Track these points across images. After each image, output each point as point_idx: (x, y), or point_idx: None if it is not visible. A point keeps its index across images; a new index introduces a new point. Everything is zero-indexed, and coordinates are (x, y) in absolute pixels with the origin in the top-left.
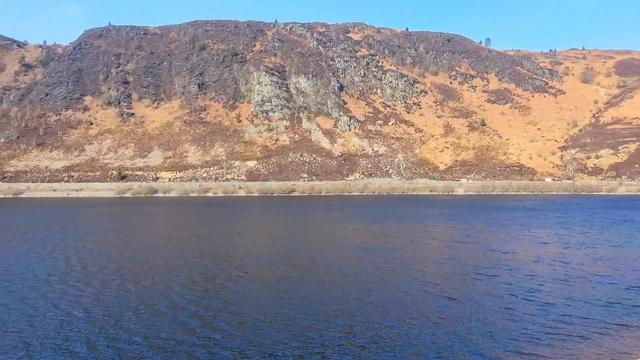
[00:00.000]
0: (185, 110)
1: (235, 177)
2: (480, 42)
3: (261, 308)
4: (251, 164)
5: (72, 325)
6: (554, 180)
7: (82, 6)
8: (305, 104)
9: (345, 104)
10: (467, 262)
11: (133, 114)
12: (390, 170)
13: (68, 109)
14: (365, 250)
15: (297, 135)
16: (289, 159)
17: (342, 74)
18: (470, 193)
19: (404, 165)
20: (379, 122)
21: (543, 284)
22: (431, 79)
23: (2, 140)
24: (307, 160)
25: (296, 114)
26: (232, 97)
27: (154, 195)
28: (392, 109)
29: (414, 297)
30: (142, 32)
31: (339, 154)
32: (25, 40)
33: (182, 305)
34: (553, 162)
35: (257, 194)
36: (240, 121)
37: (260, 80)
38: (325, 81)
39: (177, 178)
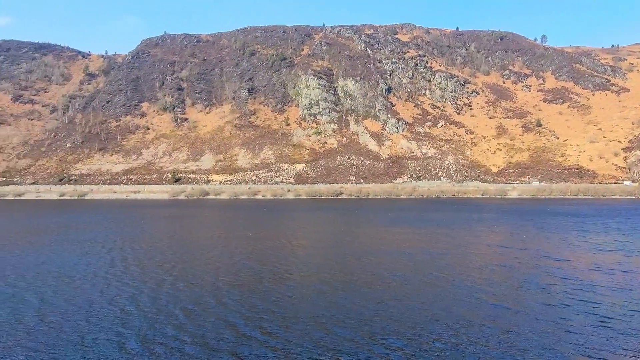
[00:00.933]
0: (235, 115)
1: (284, 180)
2: (535, 40)
3: (305, 310)
4: (299, 166)
5: (126, 322)
6: (633, 183)
7: (141, 17)
8: (352, 107)
9: (393, 106)
10: (519, 269)
11: (186, 119)
12: (440, 173)
13: (127, 115)
14: (412, 254)
15: (344, 138)
16: (337, 162)
17: (389, 76)
18: (525, 197)
19: (454, 168)
20: (427, 123)
21: (602, 295)
22: (483, 78)
23: (68, 145)
24: (354, 163)
25: (344, 117)
26: (281, 101)
27: (205, 197)
28: (442, 111)
29: (463, 304)
30: (195, 40)
31: (387, 156)
32: (89, 51)
33: (229, 304)
34: (616, 164)
35: (305, 197)
36: (289, 124)
37: (308, 83)
38: (372, 83)
39: (227, 181)
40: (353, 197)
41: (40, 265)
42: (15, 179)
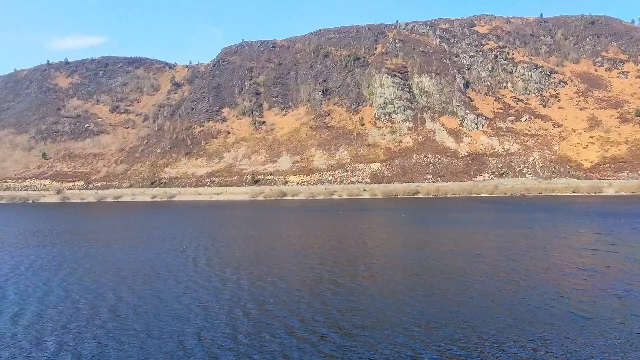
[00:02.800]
0: (310, 116)
1: (360, 180)
2: (633, 22)
3: (365, 313)
4: (375, 166)
5: (189, 319)
6: None
7: (222, 27)
8: (428, 104)
9: (472, 101)
10: (610, 274)
11: (264, 122)
12: (525, 169)
13: (209, 120)
14: (491, 257)
15: (420, 136)
16: (413, 161)
17: (467, 70)
18: (623, 194)
19: (541, 164)
20: (510, 118)
21: None
22: (571, 67)
23: (158, 150)
24: (431, 161)
25: (419, 114)
26: (355, 101)
27: (283, 198)
28: (525, 104)
29: (547, 313)
30: (271, 46)
31: (466, 153)
32: (175, 62)
33: (289, 305)
34: None
35: (381, 196)
36: (363, 124)
37: (382, 82)
38: (449, 79)
39: (304, 181)
40: (430, 196)
41: (124, 261)
42: (114, 183)
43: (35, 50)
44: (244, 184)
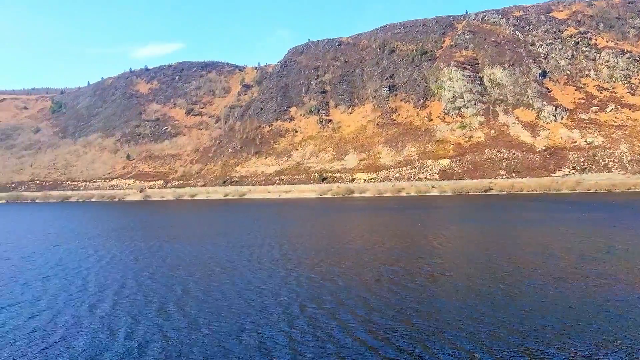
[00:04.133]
0: (377, 113)
1: (428, 177)
2: None
3: (424, 314)
4: (444, 162)
5: (249, 314)
6: None
7: (290, 29)
8: (501, 96)
9: (550, 91)
10: None
11: (330, 121)
12: (610, 164)
13: (277, 120)
14: (571, 260)
15: (492, 131)
16: (485, 156)
17: (544, 59)
18: None
19: (629, 158)
20: (593, 109)
21: None
22: None
23: (229, 150)
24: (505, 156)
25: (491, 107)
26: (423, 96)
27: (350, 195)
28: (611, 92)
29: (632, 322)
30: (337, 44)
31: (543, 147)
32: (245, 65)
33: (347, 304)
34: None
35: (450, 193)
36: (432, 120)
37: (450, 76)
38: (524, 69)
39: (371, 179)
40: (504, 192)
41: (193, 256)
42: (190, 182)
43: (119, 60)
44: (311, 181)
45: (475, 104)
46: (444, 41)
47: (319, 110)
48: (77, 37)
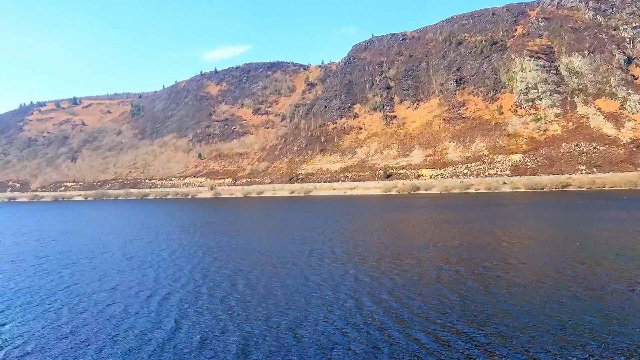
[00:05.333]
0: (443, 108)
1: (499, 173)
2: None
3: (492, 318)
4: (516, 157)
5: (306, 310)
6: None
7: (354, 26)
8: (580, 86)
9: (635, 79)
10: None
11: (395, 117)
12: None
13: (342, 117)
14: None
15: (570, 123)
16: (562, 150)
17: (630, 44)
18: None
19: None
20: None
21: None
22: None
23: (295, 148)
24: (584, 150)
25: (569, 98)
26: (492, 88)
27: (416, 192)
28: None
29: None
30: (401, 38)
31: (629, 140)
32: (309, 64)
33: (404, 302)
34: None
35: (523, 190)
36: (502, 113)
37: (523, 66)
38: (606, 56)
39: (437, 175)
40: (583, 189)
41: (257, 251)
42: (257, 179)
43: (192, 63)
44: (376, 178)
45: (550, 95)
46: (516, 30)
47: (383, 107)
48: (154, 44)
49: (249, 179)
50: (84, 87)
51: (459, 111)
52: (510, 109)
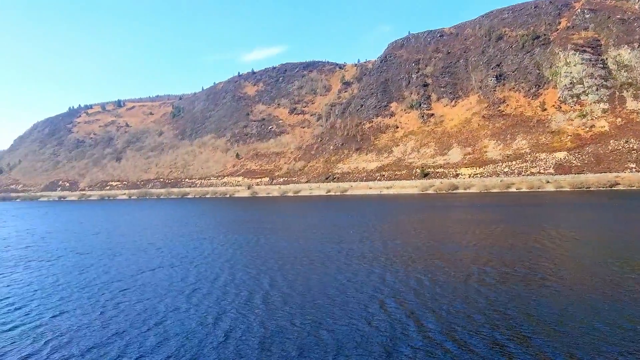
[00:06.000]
0: (483, 105)
1: (541, 171)
2: None
3: (518, 322)
4: (560, 155)
5: (331, 311)
6: None
7: (391, 24)
8: (630, 80)
9: None
10: None
11: (432, 115)
12: None
13: (378, 116)
14: None
15: (619, 119)
16: (609, 147)
17: None
18: None
19: None
20: None
21: None
22: None
23: (331, 147)
24: (634, 147)
25: (617, 93)
26: (535, 84)
27: (454, 191)
28: None
29: None
30: (439, 35)
31: None
32: (344, 62)
33: (429, 304)
34: None
35: (568, 189)
36: (545, 109)
37: (567, 60)
38: None
39: (477, 174)
40: (634, 188)
41: (287, 250)
42: (293, 179)
43: (230, 65)
44: (413, 177)
45: (597, 90)
46: (559, 23)
47: (420, 105)
48: (194, 47)
49: (286, 178)
50: (127, 90)
51: (499, 108)
52: (553, 105)
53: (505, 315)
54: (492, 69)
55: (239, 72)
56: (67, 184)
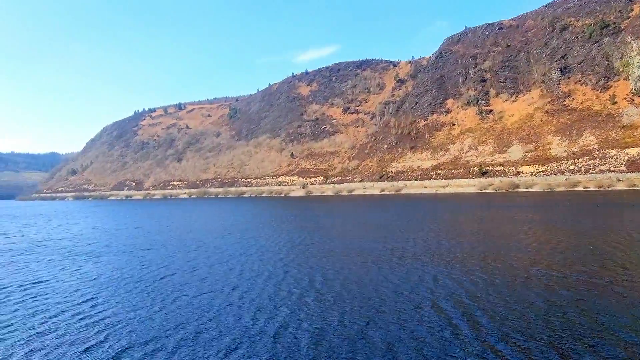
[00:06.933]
0: (546, 100)
1: (612, 169)
2: None
3: (582, 329)
4: (633, 151)
5: (378, 311)
6: None
7: (447, 19)
8: None
9: None
10: None
11: (491, 111)
12: None
13: (433, 113)
14: None
15: None
16: None
17: None
18: None
19: None
20: None
21: None
22: None
23: (385, 146)
24: None
25: None
26: (604, 76)
27: (515, 190)
28: None
29: None
30: (497, 28)
31: None
32: (398, 60)
33: (483, 306)
34: None
35: None
36: (616, 103)
37: None
38: None
39: (539, 172)
40: None
41: (339, 248)
42: (347, 178)
43: (284, 66)
44: (470, 176)
45: None
46: (632, 10)
47: (477, 101)
48: (249, 50)
49: (340, 178)
50: (188, 93)
51: (563, 102)
52: (625, 98)
53: (568, 320)
54: (556, 61)
55: (292, 73)
56: (133, 184)
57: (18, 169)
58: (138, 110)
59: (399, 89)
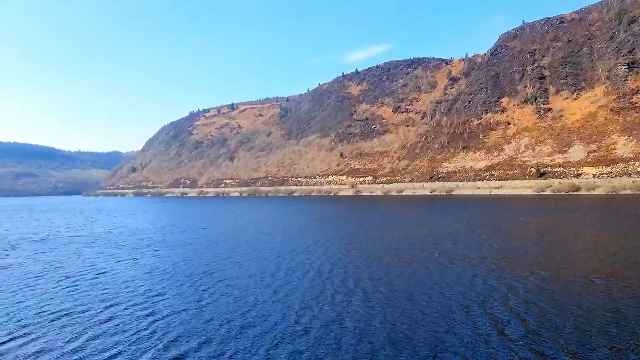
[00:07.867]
0: (611, 97)
1: None
2: None
3: (626, 344)
4: None
5: (425, 313)
6: None
7: (503, 15)
8: None
9: None
10: None
11: (550, 109)
12: None
13: (487, 112)
14: None
15: None
16: None
17: None
18: None
19: None
20: None
21: None
22: None
23: (436, 146)
24: None
25: None
26: None
27: (575, 192)
28: None
29: None
30: (558, 22)
31: None
32: (451, 57)
33: (539, 312)
34: None
35: None
36: None
37: None
38: None
39: (603, 174)
40: None
41: (390, 249)
42: (397, 178)
43: (334, 66)
44: (527, 177)
45: None
46: None
47: (535, 99)
48: (299, 50)
49: (389, 178)
50: (240, 93)
51: (631, 100)
52: None
53: (609, 335)
54: (624, 56)
55: (343, 73)
56: (188, 182)
57: (84, 166)
58: (193, 111)
59: (452, 88)
